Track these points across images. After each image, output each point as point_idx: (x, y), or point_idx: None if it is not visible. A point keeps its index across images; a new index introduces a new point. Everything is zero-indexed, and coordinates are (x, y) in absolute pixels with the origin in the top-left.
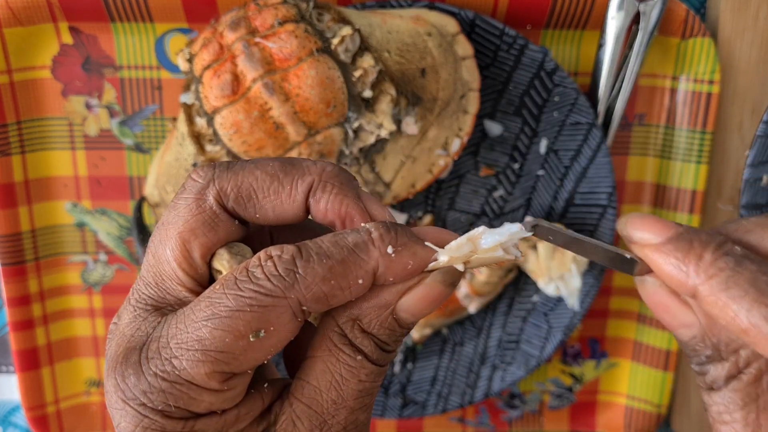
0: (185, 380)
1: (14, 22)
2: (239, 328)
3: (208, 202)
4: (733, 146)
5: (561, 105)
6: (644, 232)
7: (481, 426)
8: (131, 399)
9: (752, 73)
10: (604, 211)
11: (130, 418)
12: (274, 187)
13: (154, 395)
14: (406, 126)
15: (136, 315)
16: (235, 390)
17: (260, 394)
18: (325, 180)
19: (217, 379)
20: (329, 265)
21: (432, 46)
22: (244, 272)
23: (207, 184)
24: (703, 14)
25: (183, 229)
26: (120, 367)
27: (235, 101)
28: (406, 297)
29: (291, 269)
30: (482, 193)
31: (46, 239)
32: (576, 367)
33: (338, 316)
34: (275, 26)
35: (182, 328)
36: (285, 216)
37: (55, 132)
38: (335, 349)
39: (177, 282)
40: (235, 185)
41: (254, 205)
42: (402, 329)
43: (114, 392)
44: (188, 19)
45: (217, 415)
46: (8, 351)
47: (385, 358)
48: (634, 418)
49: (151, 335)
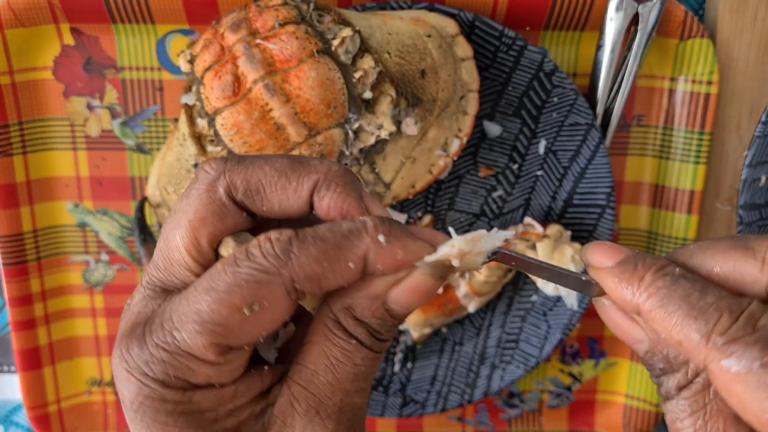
0: (184, 351)
1: (16, 23)
2: (235, 301)
3: (219, 193)
4: (731, 147)
5: (560, 106)
6: (599, 257)
7: (480, 425)
8: (134, 369)
9: (750, 74)
10: (603, 212)
11: (133, 387)
12: (282, 182)
13: (155, 365)
14: (405, 127)
15: (145, 295)
16: (231, 364)
17: (260, 375)
18: (330, 179)
19: (214, 351)
20: (323, 248)
21: (432, 47)
22: (243, 252)
23: (218, 176)
24: (701, 15)
25: (193, 218)
26: (125, 339)
27: (236, 102)
28: (396, 289)
29: (287, 249)
30: (481, 194)
31: (48, 239)
32: (575, 366)
33: (333, 305)
34: (276, 27)
35: (184, 302)
36: (290, 210)
37: (57, 132)
38: (330, 334)
39: (185, 267)
40: (244, 178)
41: (262, 198)
42: (393, 319)
43: (119, 363)
44: (189, 21)
45: (215, 389)
46: (10, 351)
47: (379, 346)
48: (633, 417)
49: (155, 311)
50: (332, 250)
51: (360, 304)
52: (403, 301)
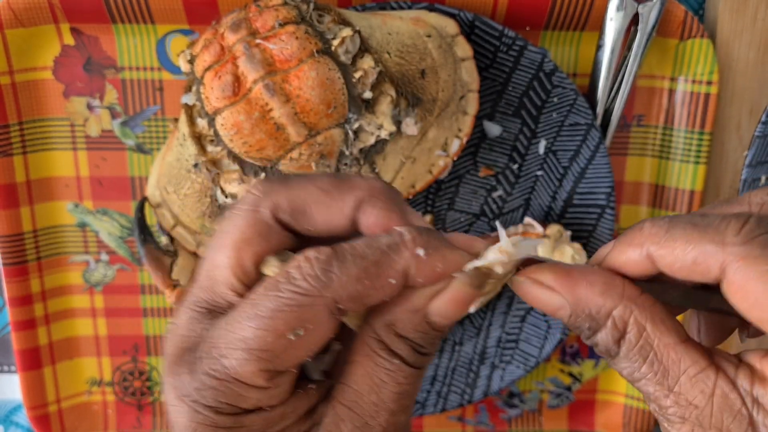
0: (234, 378)
1: (16, 23)
2: (279, 327)
3: (263, 213)
4: (731, 147)
5: (560, 106)
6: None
7: (480, 425)
8: (186, 396)
9: (750, 74)
10: (603, 212)
11: (186, 414)
12: (325, 201)
13: (206, 392)
14: (405, 127)
15: (190, 317)
16: (280, 387)
17: (306, 394)
18: (373, 195)
19: (262, 377)
20: (363, 266)
21: (432, 47)
22: (284, 275)
23: (263, 197)
24: (701, 15)
25: (238, 238)
26: (175, 366)
27: (236, 102)
28: (436, 300)
29: (327, 269)
30: (481, 194)
31: (48, 239)
32: (575, 366)
33: (375, 323)
34: (276, 27)
35: (229, 329)
36: (334, 228)
37: (57, 132)
38: (373, 354)
39: (228, 287)
40: (288, 198)
41: (306, 217)
42: (436, 332)
43: (171, 390)
44: (189, 21)
45: (264, 411)
46: (10, 351)
47: (421, 361)
48: (633, 417)
49: (202, 336)
50: (372, 267)
51: (401, 319)
52: (444, 312)
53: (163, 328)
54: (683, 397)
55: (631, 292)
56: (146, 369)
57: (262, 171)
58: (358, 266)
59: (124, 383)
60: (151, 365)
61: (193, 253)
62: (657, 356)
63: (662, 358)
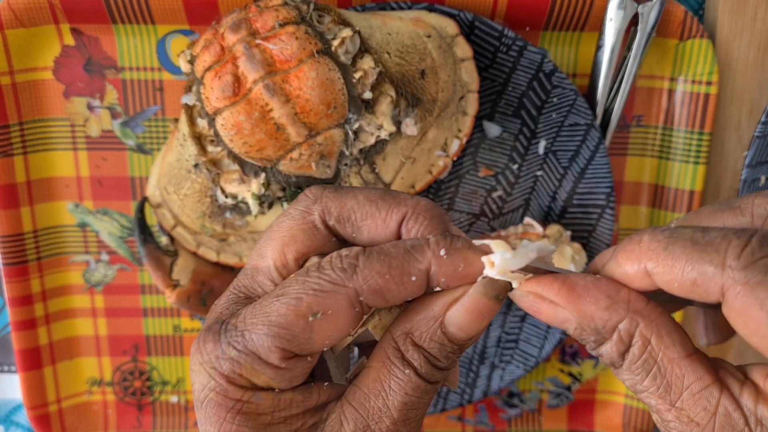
0: (251, 351)
1: (16, 24)
2: (301, 307)
3: (313, 215)
4: (731, 147)
5: (559, 106)
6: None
7: (480, 425)
8: (206, 362)
9: (750, 74)
10: (603, 212)
11: (202, 379)
12: (372, 211)
13: (224, 361)
14: (405, 127)
15: (229, 297)
16: (293, 371)
17: (317, 389)
18: (418, 212)
19: (278, 354)
20: (386, 262)
21: (431, 47)
22: (316, 265)
23: (315, 200)
24: (701, 16)
25: (285, 234)
26: (204, 333)
27: (236, 102)
28: (453, 309)
29: (353, 263)
30: (481, 194)
31: (48, 239)
32: (574, 366)
33: (394, 331)
34: (276, 28)
35: (258, 306)
36: (378, 239)
37: (57, 133)
38: (388, 361)
39: (268, 277)
40: (338, 205)
41: (352, 225)
42: (452, 345)
43: (194, 355)
44: (189, 21)
45: (274, 393)
46: (10, 351)
47: (433, 375)
48: (633, 417)
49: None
50: (396, 263)
51: (419, 327)
52: (460, 323)
53: (163, 328)
54: (685, 413)
55: (636, 303)
56: (146, 369)
57: (262, 171)
58: (382, 262)
59: (124, 383)
60: (152, 365)
61: (193, 253)
62: (660, 370)
63: (665, 373)
